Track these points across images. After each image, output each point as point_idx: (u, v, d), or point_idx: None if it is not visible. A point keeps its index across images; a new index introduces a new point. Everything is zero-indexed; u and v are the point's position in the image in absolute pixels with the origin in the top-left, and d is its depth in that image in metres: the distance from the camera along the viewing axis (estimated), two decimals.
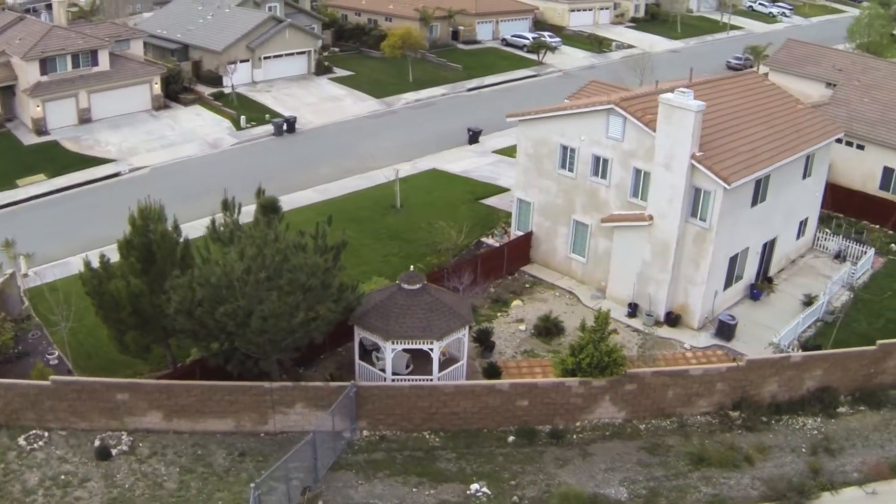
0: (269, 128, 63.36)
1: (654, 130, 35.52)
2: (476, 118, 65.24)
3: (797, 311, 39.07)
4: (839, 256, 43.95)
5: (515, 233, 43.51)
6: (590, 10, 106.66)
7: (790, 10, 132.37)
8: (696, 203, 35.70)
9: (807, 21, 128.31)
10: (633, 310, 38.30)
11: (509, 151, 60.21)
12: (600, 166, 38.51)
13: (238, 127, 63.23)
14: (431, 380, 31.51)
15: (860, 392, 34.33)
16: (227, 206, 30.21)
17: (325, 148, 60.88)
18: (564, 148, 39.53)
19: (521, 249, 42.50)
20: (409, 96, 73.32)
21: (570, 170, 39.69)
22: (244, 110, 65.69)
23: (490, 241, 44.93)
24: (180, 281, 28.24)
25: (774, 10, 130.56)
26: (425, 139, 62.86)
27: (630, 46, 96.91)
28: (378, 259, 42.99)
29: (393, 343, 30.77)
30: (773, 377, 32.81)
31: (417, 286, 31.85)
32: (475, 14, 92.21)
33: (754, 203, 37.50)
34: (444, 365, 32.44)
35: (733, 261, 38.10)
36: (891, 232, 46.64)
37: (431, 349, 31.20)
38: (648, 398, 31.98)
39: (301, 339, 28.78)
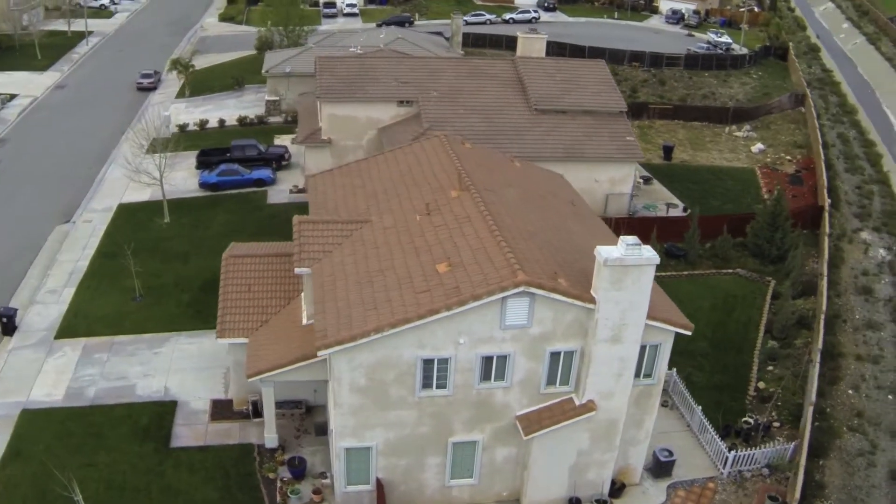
0: None
1: (590, 302, 27.53)
2: None
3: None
4: None
5: (344, 490, 30.51)
6: None
7: None
8: (638, 362, 29.65)
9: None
10: None
11: (75, 330, 42.79)
12: (494, 367, 28.66)
13: None
14: None
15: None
16: None
17: None
18: (429, 362, 28.14)
19: None
20: None
21: (442, 386, 28.69)
22: None
23: None
24: None
25: (106, 2, 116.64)
26: None
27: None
28: None
29: None
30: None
31: None
32: None
33: None
34: None
35: None
36: None
37: None
38: None
39: None
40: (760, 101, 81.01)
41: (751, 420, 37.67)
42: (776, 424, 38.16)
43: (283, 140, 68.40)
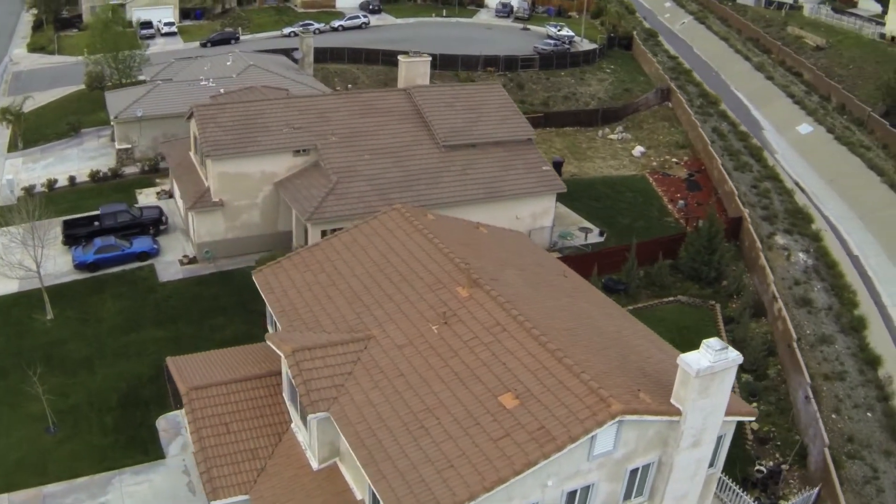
0: None
1: (676, 414, 25.05)
2: None
3: None
4: None
5: None
6: None
7: None
8: None
9: None
10: None
11: None
12: (577, 499, 25.56)
13: None
14: None
15: None
16: None
17: None
18: None
19: None
20: None
21: None
22: None
23: None
24: None
25: None
26: None
27: None
28: None
29: None
30: None
31: None
32: None
33: None
34: None
35: None
36: None
37: None
38: None
39: None
40: (624, 99, 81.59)
41: (763, 468, 36.88)
42: (784, 467, 37.59)
43: (146, 195, 60.97)
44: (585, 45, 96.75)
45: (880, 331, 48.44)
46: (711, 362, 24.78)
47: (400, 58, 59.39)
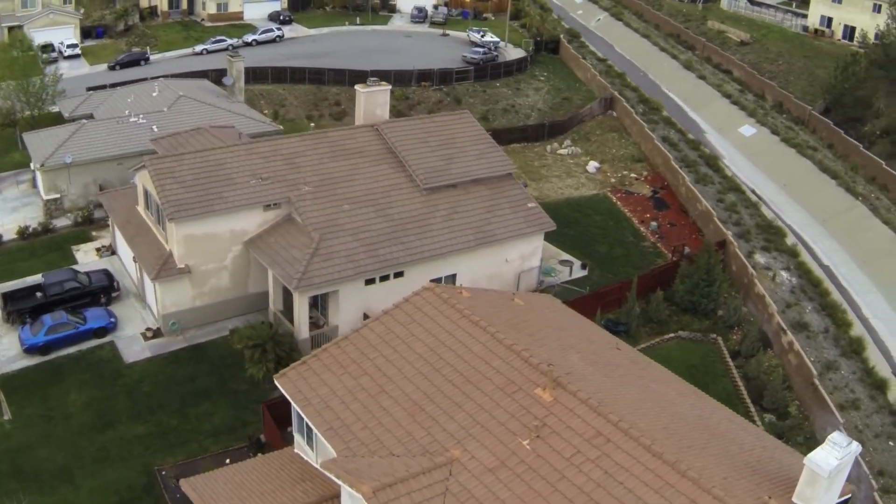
0: None
1: None
2: None
3: None
4: None
5: None
6: None
7: None
8: None
9: None
10: None
11: None
12: None
13: None
14: None
15: None
16: None
17: None
18: None
19: None
20: None
21: None
22: None
23: None
24: None
25: None
26: None
27: None
28: None
29: None
30: None
31: None
32: None
33: None
34: None
35: None
36: None
37: None
38: None
39: None
40: (565, 108, 79.58)
41: None
42: None
43: (85, 252, 55.06)
44: (511, 51, 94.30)
45: (871, 347, 48.42)
46: (839, 460, 23.35)
47: (357, 88, 55.17)
